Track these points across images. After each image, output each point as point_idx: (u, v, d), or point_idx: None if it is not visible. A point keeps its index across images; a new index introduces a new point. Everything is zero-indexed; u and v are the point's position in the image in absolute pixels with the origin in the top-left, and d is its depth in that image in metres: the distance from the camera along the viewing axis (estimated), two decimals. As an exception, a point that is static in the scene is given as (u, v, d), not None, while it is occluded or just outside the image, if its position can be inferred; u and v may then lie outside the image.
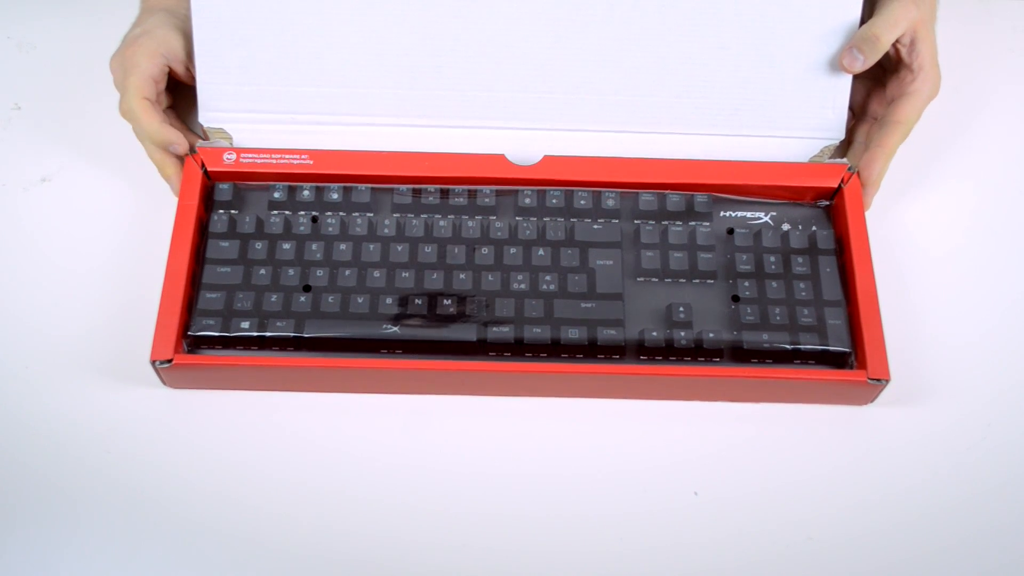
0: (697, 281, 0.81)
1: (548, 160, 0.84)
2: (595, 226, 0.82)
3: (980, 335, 0.84)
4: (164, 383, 0.80)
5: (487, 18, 0.81)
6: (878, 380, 0.77)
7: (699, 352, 0.78)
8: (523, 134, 0.85)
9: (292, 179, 0.84)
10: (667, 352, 0.78)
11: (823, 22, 0.83)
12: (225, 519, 0.76)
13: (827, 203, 0.85)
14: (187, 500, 0.77)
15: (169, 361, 0.76)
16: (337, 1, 0.82)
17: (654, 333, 0.78)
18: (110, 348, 0.82)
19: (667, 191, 0.84)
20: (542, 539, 0.76)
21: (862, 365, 0.78)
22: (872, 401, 0.80)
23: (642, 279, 0.81)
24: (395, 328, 0.78)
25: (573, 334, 0.78)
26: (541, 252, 0.81)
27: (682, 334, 0.78)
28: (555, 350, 0.78)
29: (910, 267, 0.86)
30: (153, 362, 0.77)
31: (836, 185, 0.84)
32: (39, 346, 0.82)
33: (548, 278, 0.80)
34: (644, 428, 0.80)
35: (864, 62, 0.82)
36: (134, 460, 0.78)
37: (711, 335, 0.78)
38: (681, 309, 0.79)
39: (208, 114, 0.85)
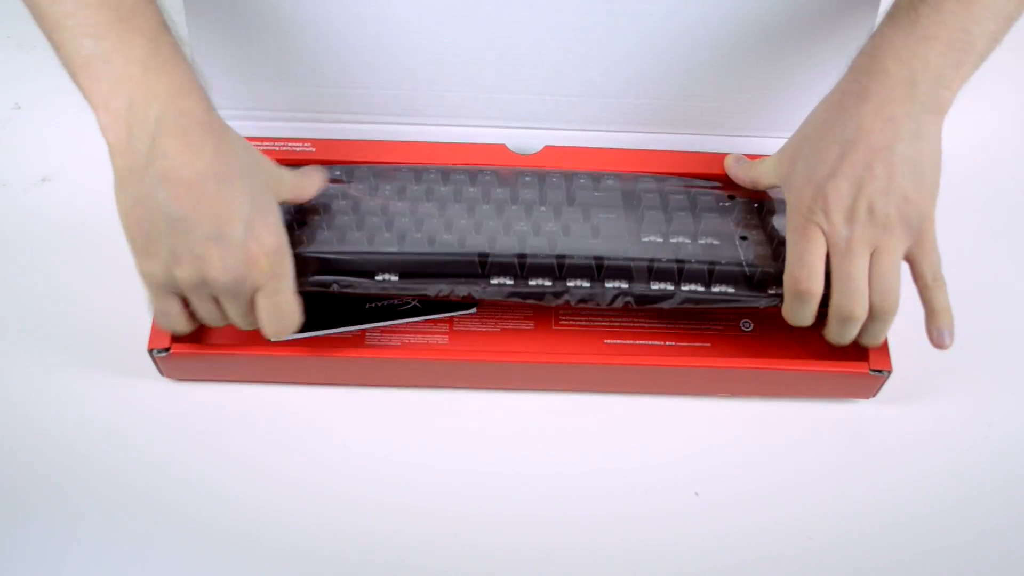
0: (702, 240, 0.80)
1: (549, 150, 0.85)
2: (596, 193, 0.81)
3: (983, 332, 0.84)
4: (162, 374, 0.79)
5: (488, 18, 0.82)
6: (880, 371, 0.77)
7: (711, 275, 0.77)
8: (524, 133, 0.86)
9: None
10: (678, 276, 0.77)
11: (829, 22, 0.82)
12: (224, 514, 0.76)
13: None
14: (184, 494, 0.76)
15: (167, 349, 0.76)
16: (338, 1, 0.82)
17: (662, 257, 0.77)
18: (109, 347, 0.82)
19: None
20: (542, 538, 0.76)
21: (863, 357, 0.78)
22: (874, 395, 0.80)
23: (647, 239, 0.79)
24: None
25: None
26: (543, 209, 0.80)
27: (691, 255, 0.77)
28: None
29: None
30: (150, 351, 0.76)
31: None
32: (39, 344, 0.82)
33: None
34: (644, 424, 0.80)
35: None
36: (131, 453, 0.78)
37: (722, 260, 0.77)
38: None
39: (208, 110, 0.85)
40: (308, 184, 0.76)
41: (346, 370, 0.79)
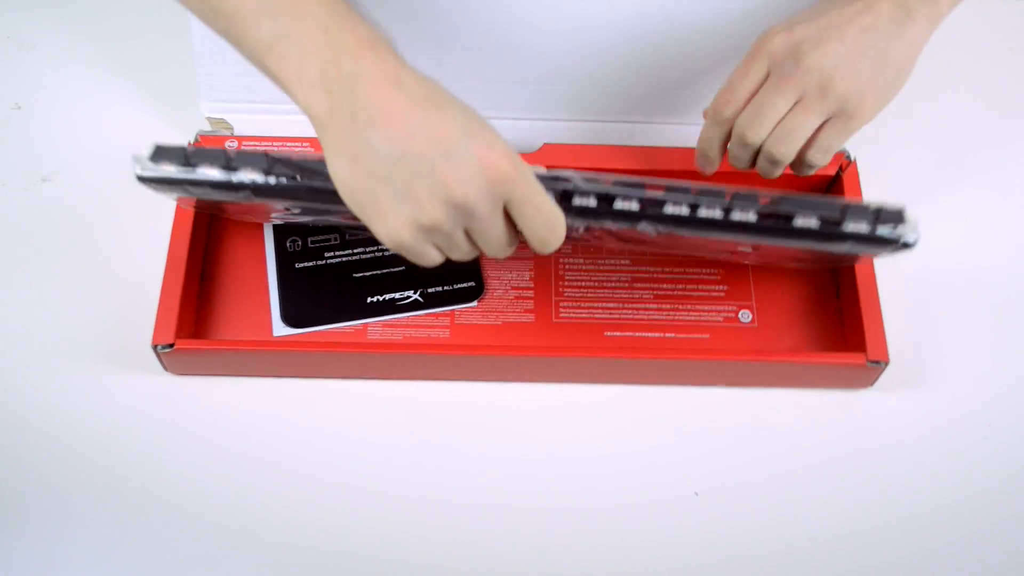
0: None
1: (548, 148, 0.85)
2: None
3: (983, 321, 0.84)
4: (165, 368, 0.80)
5: (487, 10, 0.82)
6: (877, 362, 0.77)
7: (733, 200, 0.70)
8: (524, 124, 0.86)
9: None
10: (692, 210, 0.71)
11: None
12: (227, 507, 0.76)
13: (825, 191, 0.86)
14: (188, 488, 0.77)
15: (171, 346, 0.76)
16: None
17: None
18: (112, 343, 0.82)
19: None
20: (543, 530, 0.76)
21: (861, 348, 0.78)
22: (871, 384, 0.81)
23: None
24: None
25: None
26: None
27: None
28: None
29: (910, 256, 0.86)
30: (154, 346, 0.76)
31: (834, 173, 0.84)
32: (42, 342, 0.82)
33: None
34: (644, 414, 0.81)
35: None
36: (135, 447, 0.78)
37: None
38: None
39: (209, 104, 0.85)
40: None
41: (348, 364, 0.79)
